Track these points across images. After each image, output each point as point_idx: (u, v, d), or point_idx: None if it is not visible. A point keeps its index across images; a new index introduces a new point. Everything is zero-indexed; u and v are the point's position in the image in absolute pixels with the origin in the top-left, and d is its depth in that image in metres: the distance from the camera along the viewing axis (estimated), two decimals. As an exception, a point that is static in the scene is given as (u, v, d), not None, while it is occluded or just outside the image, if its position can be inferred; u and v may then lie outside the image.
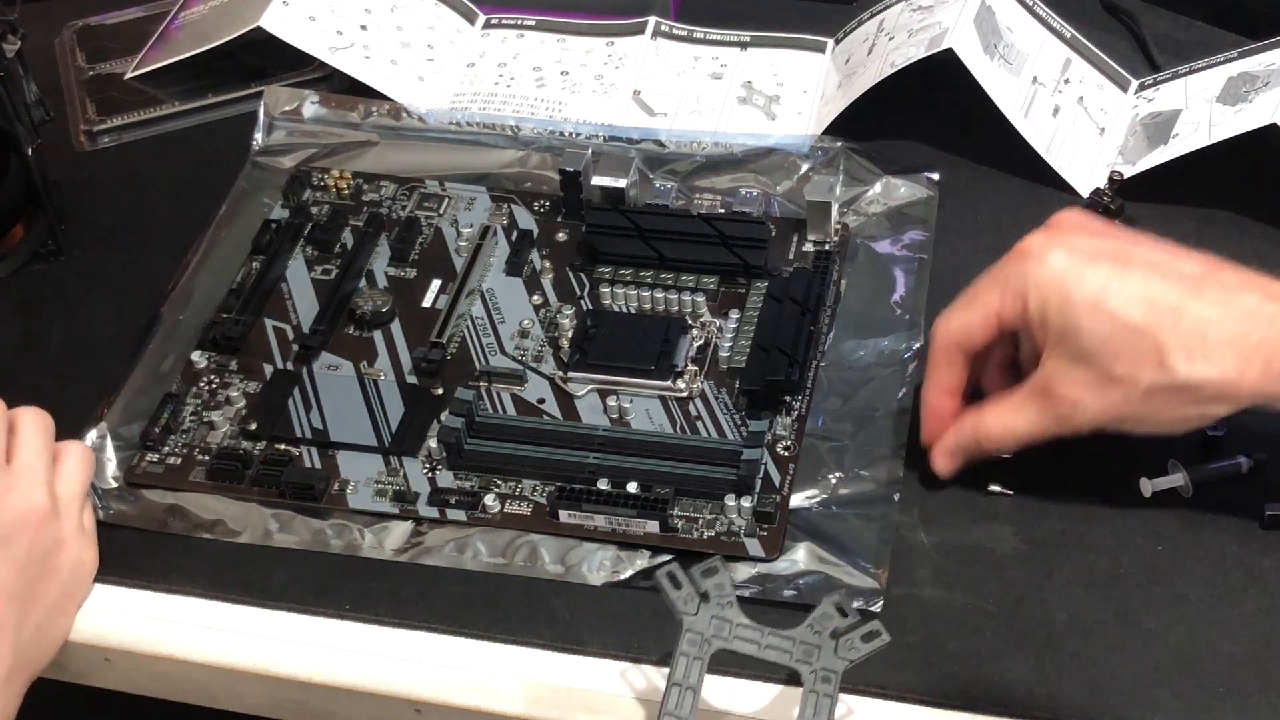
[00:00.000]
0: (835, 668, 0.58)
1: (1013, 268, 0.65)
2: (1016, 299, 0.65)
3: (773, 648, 0.59)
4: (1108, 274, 0.63)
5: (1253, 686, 0.63)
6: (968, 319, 0.67)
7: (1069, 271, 0.63)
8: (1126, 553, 0.68)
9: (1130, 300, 0.62)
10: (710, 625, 0.59)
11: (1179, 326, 0.62)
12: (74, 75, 0.97)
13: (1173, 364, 0.62)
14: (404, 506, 0.71)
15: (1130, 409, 0.63)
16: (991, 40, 0.85)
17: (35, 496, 0.66)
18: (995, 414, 0.67)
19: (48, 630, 0.67)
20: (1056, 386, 0.64)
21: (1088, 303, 0.63)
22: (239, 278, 0.82)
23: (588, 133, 0.89)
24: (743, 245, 0.79)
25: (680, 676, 0.58)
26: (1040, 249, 0.64)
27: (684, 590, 0.60)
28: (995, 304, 0.66)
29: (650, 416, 0.74)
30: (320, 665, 0.67)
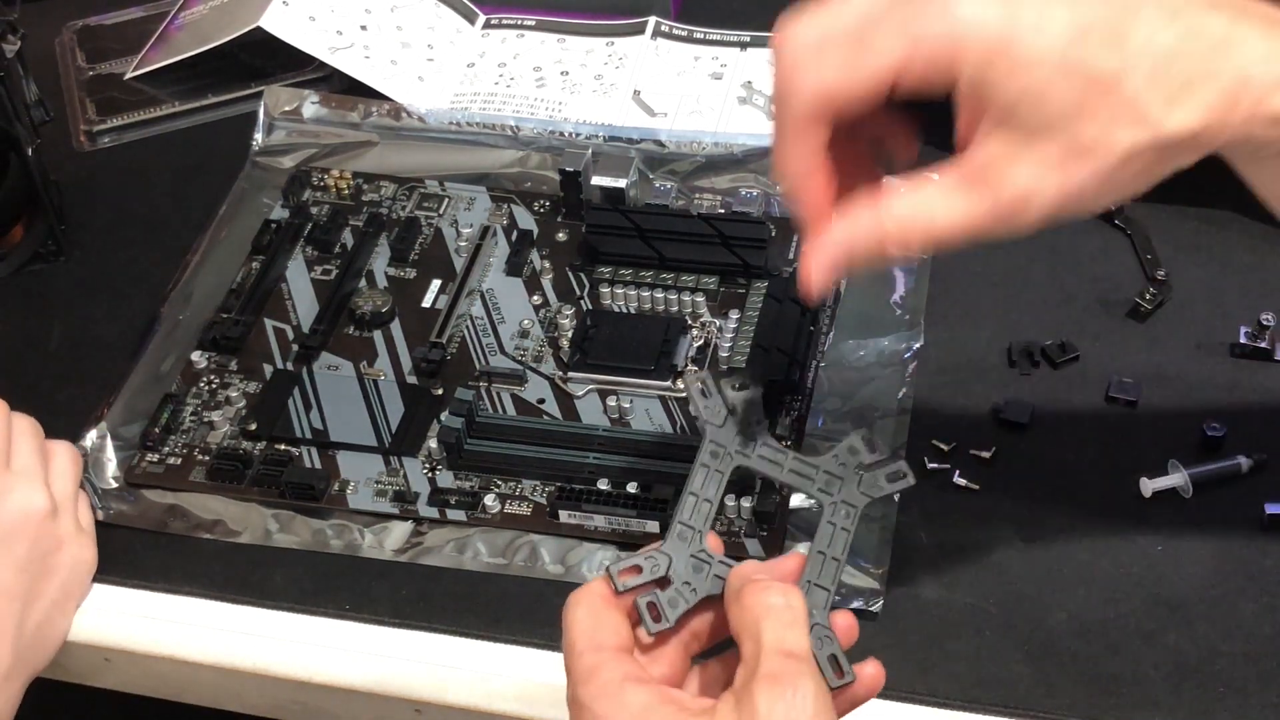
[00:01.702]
0: (856, 502, 0.55)
1: (929, 15, 0.49)
2: (933, 61, 0.49)
3: (795, 472, 0.56)
4: (1062, 19, 0.49)
5: (1253, 686, 0.63)
6: (853, 74, 0.50)
7: (1012, 22, 0.49)
8: (1126, 553, 0.68)
9: (1094, 47, 0.49)
10: (735, 440, 0.56)
11: (1154, 69, 0.49)
12: (74, 75, 0.97)
13: (1156, 116, 0.49)
14: (404, 506, 0.71)
15: (1095, 184, 0.50)
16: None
17: (36, 497, 0.66)
18: (909, 201, 0.51)
19: (48, 629, 0.67)
20: (1003, 172, 0.50)
21: (1049, 59, 0.49)
22: (239, 278, 0.82)
23: (588, 133, 0.89)
24: (743, 245, 0.79)
25: (698, 487, 0.55)
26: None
27: (713, 400, 0.56)
28: (895, 60, 0.49)
29: (650, 416, 0.74)
30: (320, 665, 0.67)
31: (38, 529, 0.66)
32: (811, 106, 0.50)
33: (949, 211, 0.51)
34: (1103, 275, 0.79)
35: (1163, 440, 0.71)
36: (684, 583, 0.54)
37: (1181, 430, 0.71)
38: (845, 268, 0.53)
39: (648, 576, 0.54)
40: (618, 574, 0.53)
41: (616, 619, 0.52)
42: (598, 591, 0.53)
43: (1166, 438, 0.71)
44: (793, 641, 0.50)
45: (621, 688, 0.50)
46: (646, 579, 0.54)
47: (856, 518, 0.55)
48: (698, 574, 0.54)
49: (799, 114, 0.51)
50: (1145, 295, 0.77)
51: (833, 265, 0.53)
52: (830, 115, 0.51)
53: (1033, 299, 0.78)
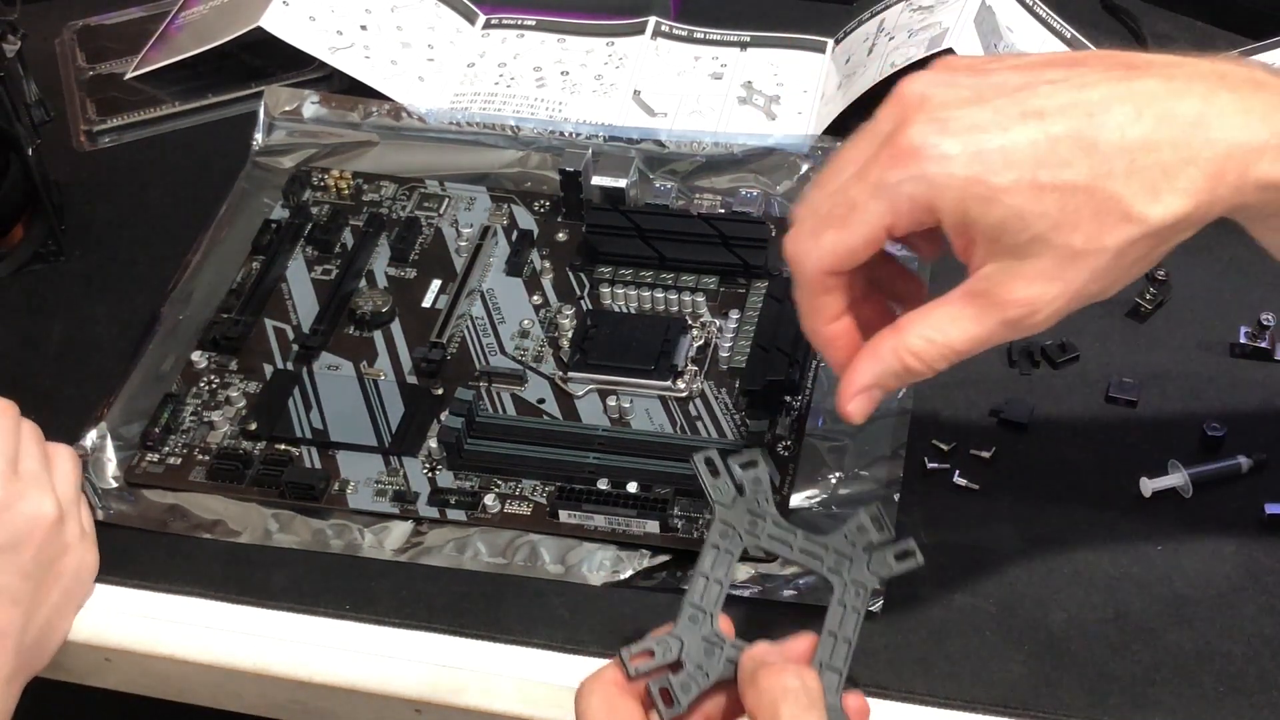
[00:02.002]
0: (867, 582, 0.55)
1: (900, 173, 0.53)
2: (918, 208, 0.53)
3: (805, 552, 0.56)
4: (1029, 139, 0.52)
5: (1253, 686, 0.63)
6: (846, 239, 0.54)
7: (980, 158, 0.52)
8: (1126, 553, 0.68)
9: (1064, 160, 0.51)
10: (745, 519, 0.56)
11: (1130, 166, 0.51)
12: (74, 75, 0.97)
13: (1141, 211, 0.51)
14: (404, 506, 0.71)
15: (1097, 282, 0.53)
16: (991, 40, 0.84)
17: (45, 504, 0.66)
18: (921, 329, 0.55)
19: (49, 632, 0.67)
20: (1005, 289, 0.53)
21: (1022, 185, 0.51)
22: (239, 278, 0.82)
23: (588, 133, 0.89)
24: (743, 245, 0.79)
25: (708, 568, 0.55)
26: (931, 143, 0.52)
27: (721, 479, 0.56)
28: (884, 219, 0.54)
29: (650, 416, 0.74)
30: (320, 665, 0.67)
31: (45, 536, 0.65)
32: (819, 281, 0.56)
33: (962, 332, 0.55)
34: (1103, 275, 0.79)
35: (1163, 440, 0.71)
36: (696, 666, 0.54)
37: (1181, 430, 0.71)
38: (880, 396, 0.58)
39: (660, 661, 0.54)
40: (630, 659, 0.53)
41: (630, 706, 0.53)
42: (610, 679, 0.53)
43: (1166, 438, 0.71)
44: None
45: None
46: (659, 663, 0.54)
47: (867, 598, 0.55)
48: (710, 657, 0.54)
49: (811, 290, 0.57)
50: (1145, 295, 0.77)
51: (869, 399, 0.57)
52: (837, 283, 0.56)
53: (1033, 299, 0.78)
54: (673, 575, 0.68)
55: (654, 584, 0.68)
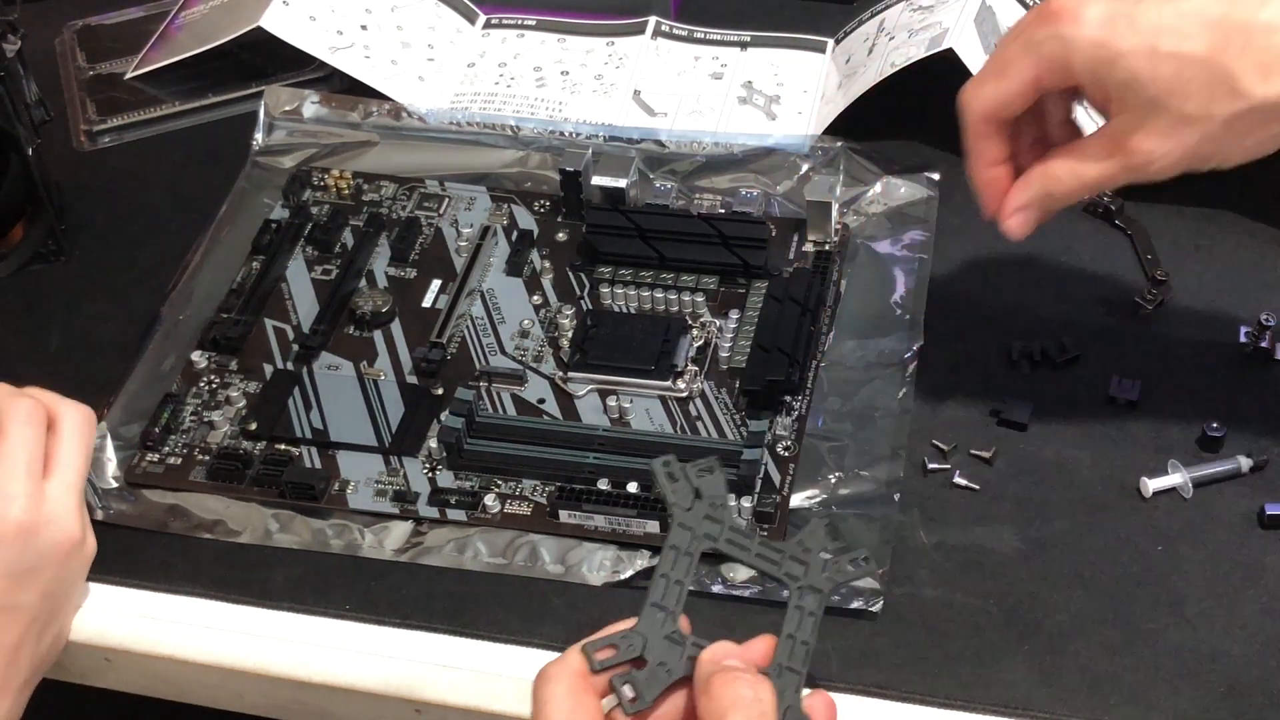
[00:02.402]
0: (822, 586, 0.56)
1: (1044, 31, 0.61)
2: (1056, 65, 0.61)
3: (762, 557, 0.57)
4: (1155, 12, 0.59)
5: (1253, 686, 0.63)
6: (1002, 89, 0.63)
7: (1111, 24, 0.59)
8: (1126, 553, 0.68)
9: (1185, 33, 0.58)
10: (703, 523, 0.57)
11: (1249, 45, 0.58)
12: (74, 75, 0.97)
13: (1247, 88, 0.58)
14: (404, 506, 0.71)
15: (1210, 145, 0.60)
16: (991, 40, 0.84)
17: (70, 528, 0.65)
18: (1064, 163, 0.63)
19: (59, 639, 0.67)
20: (1128, 139, 0.61)
21: (1142, 50, 0.58)
22: (239, 278, 0.82)
23: (588, 133, 0.89)
24: (743, 245, 0.79)
25: (668, 569, 0.56)
26: (1073, 6, 0.60)
27: (680, 484, 0.58)
28: (1030, 73, 0.62)
29: (650, 416, 0.74)
30: (320, 665, 0.67)
31: (66, 557, 0.65)
32: (980, 126, 0.64)
33: (1094, 169, 0.62)
34: (1103, 275, 0.79)
35: (1163, 440, 0.71)
36: (659, 663, 0.54)
37: (1181, 430, 0.71)
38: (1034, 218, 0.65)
39: (623, 656, 0.54)
40: (594, 652, 0.54)
41: (589, 700, 0.53)
42: (573, 667, 0.54)
43: (1166, 438, 0.71)
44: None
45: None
46: (622, 658, 0.54)
47: (824, 602, 0.56)
48: (672, 654, 0.55)
49: (974, 133, 0.65)
50: (1145, 295, 0.77)
51: (1024, 218, 0.65)
52: (997, 130, 0.64)
53: (1033, 299, 0.78)
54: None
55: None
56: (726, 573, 0.68)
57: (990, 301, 0.78)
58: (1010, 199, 0.65)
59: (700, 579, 0.68)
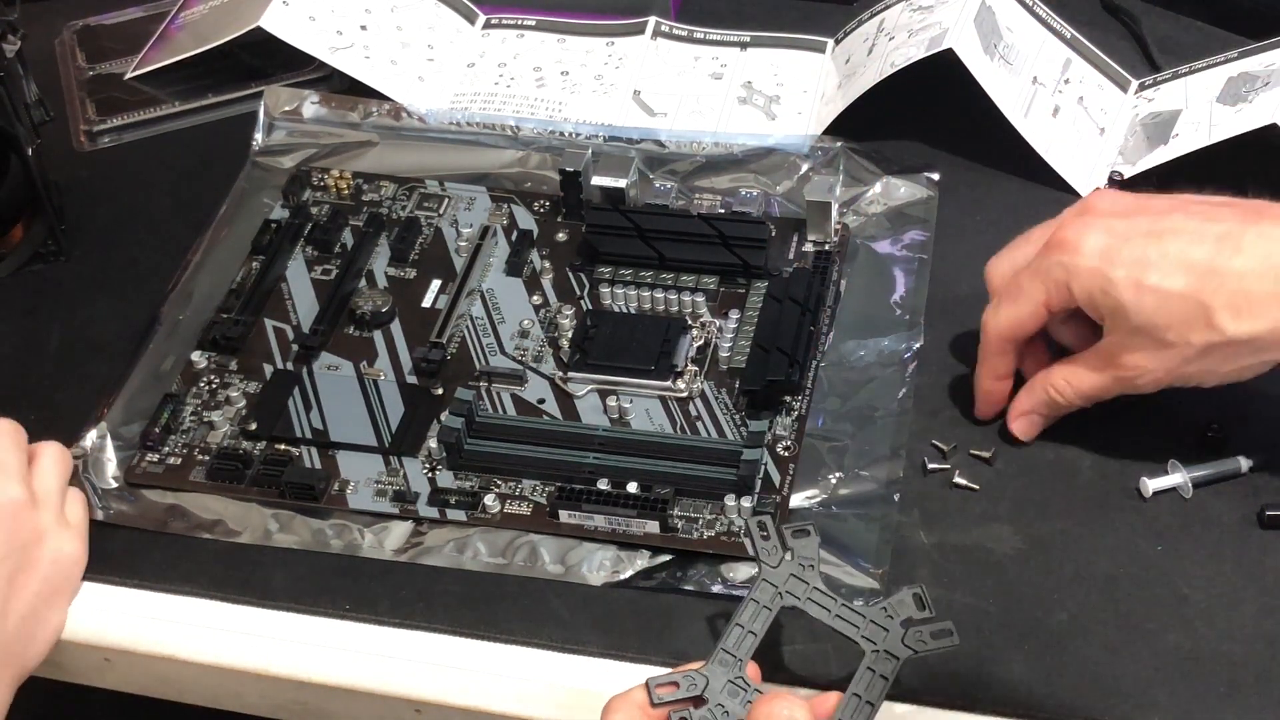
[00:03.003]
0: (899, 654, 0.58)
1: (1051, 260, 0.67)
2: (1060, 289, 0.67)
3: (842, 619, 0.59)
4: (1143, 250, 0.65)
5: (1253, 686, 0.63)
6: (1017, 314, 0.69)
7: (1105, 256, 0.65)
8: (1126, 553, 0.68)
9: (1168, 271, 0.64)
10: (787, 581, 0.60)
11: (1222, 287, 0.63)
12: (74, 75, 0.97)
13: (1221, 324, 0.64)
14: (404, 506, 0.71)
15: (1190, 368, 0.66)
16: (991, 40, 0.85)
17: (9, 490, 0.67)
18: (1063, 373, 0.70)
19: (33, 625, 0.67)
20: (1118, 356, 0.67)
21: (1129, 282, 0.65)
22: (239, 278, 0.82)
23: (588, 133, 0.89)
24: (743, 245, 0.79)
25: (745, 620, 0.59)
26: (1076, 239, 0.66)
27: (771, 542, 0.61)
28: (1041, 297, 0.68)
29: (650, 416, 0.74)
30: (320, 665, 0.67)
31: (13, 521, 0.66)
32: (998, 345, 0.71)
33: (1089, 381, 0.69)
34: (1103, 275, 0.79)
35: (1163, 440, 0.71)
36: (718, 704, 0.57)
37: (1181, 430, 0.71)
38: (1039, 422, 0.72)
39: (684, 694, 0.57)
40: (655, 687, 0.56)
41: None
42: (636, 700, 0.57)
43: (1166, 438, 0.71)
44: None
45: None
46: (683, 695, 0.57)
47: (897, 670, 0.58)
48: (733, 699, 0.57)
49: (990, 349, 0.71)
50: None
51: (1029, 422, 0.72)
52: (1011, 349, 0.71)
53: (1033, 299, 0.78)
54: (672, 575, 0.68)
55: (654, 584, 0.68)
56: (726, 573, 0.68)
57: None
58: (1016, 404, 0.72)
59: (700, 579, 0.68)
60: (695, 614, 0.67)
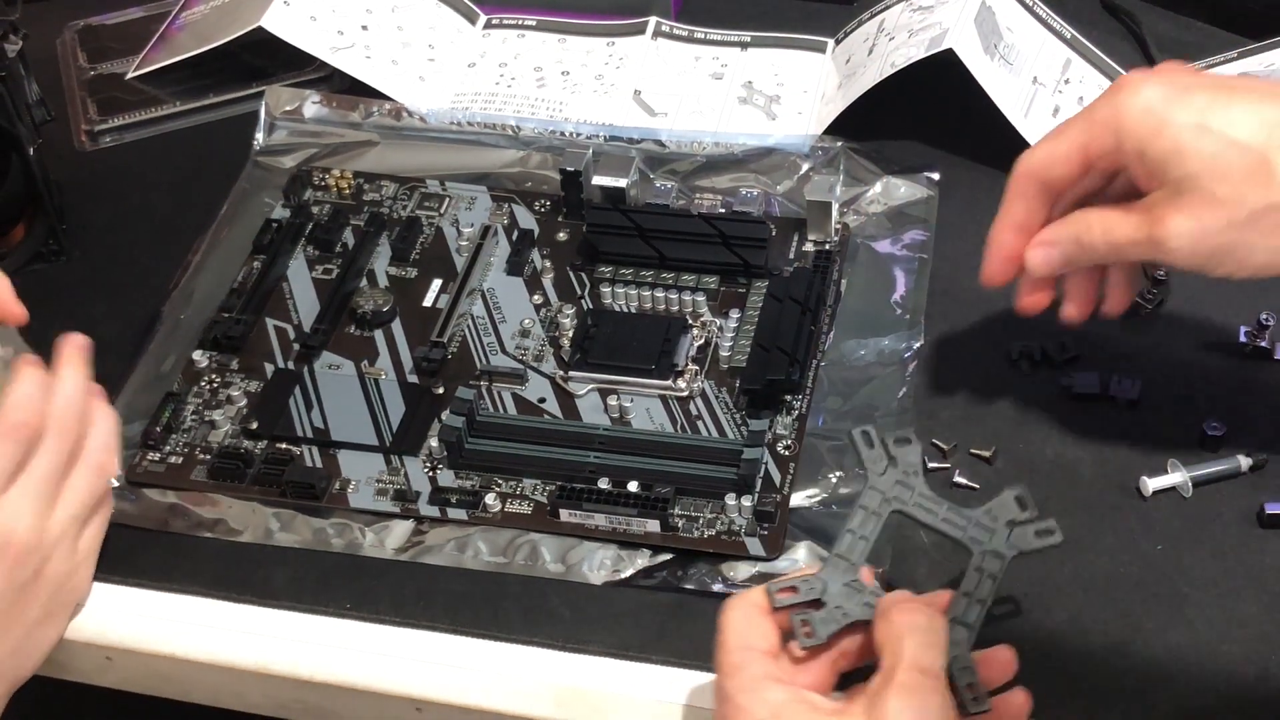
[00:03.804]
0: (1004, 552, 0.59)
1: (1103, 101, 0.63)
2: (1106, 131, 0.62)
3: (948, 521, 0.60)
4: (1209, 97, 0.60)
5: (1253, 686, 0.63)
6: (1050, 150, 0.65)
7: (1166, 98, 0.61)
8: (1126, 553, 0.68)
9: (1235, 118, 0.60)
10: (894, 488, 0.60)
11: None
12: (75, 75, 0.97)
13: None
14: (405, 505, 0.71)
15: (1230, 237, 0.60)
16: (991, 40, 0.85)
17: (20, 526, 0.64)
18: (1100, 213, 0.64)
19: (29, 644, 0.66)
20: (1159, 209, 0.62)
21: (1190, 124, 0.60)
22: (240, 277, 0.82)
23: (588, 133, 0.89)
24: (743, 245, 0.79)
25: (856, 525, 0.59)
26: (1135, 82, 0.62)
27: (875, 450, 0.61)
28: (1081, 137, 0.63)
29: (651, 416, 0.74)
30: (321, 664, 0.67)
31: (16, 559, 0.64)
32: (1019, 180, 0.66)
33: (1123, 231, 0.63)
34: (1103, 275, 0.79)
35: (1163, 440, 0.71)
36: (836, 606, 0.57)
37: (1181, 430, 0.71)
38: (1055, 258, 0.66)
39: (804, 597, 0.57)
40: (775, 591, 0.57)
41: (767, 625, 0.57)
42: (753, 600, 0.57)
43: (1166, 438, 0.71)
44: (929, 660, 0.54)
45: (763, 684, 0.55)
46: (802, 599, 0.57)
47: (1004, 567, 0.59)
48: (850, 600, 0.57)
49: (1012, 188, 0.66)
50: (1145, 295, 0.77)
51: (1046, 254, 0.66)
52: (1034, 187, 0.65)
53: (1033, 299, 0.78)
54: (673, 574, 0.68)
55: (655, 583, 0.68)
56: (727, 572, 0.68)
57: (990, 301, 0.78)
58: (1043, 233, 0.66)
59: (701, 578, 0.68)
60: (696, 613, 0.67)
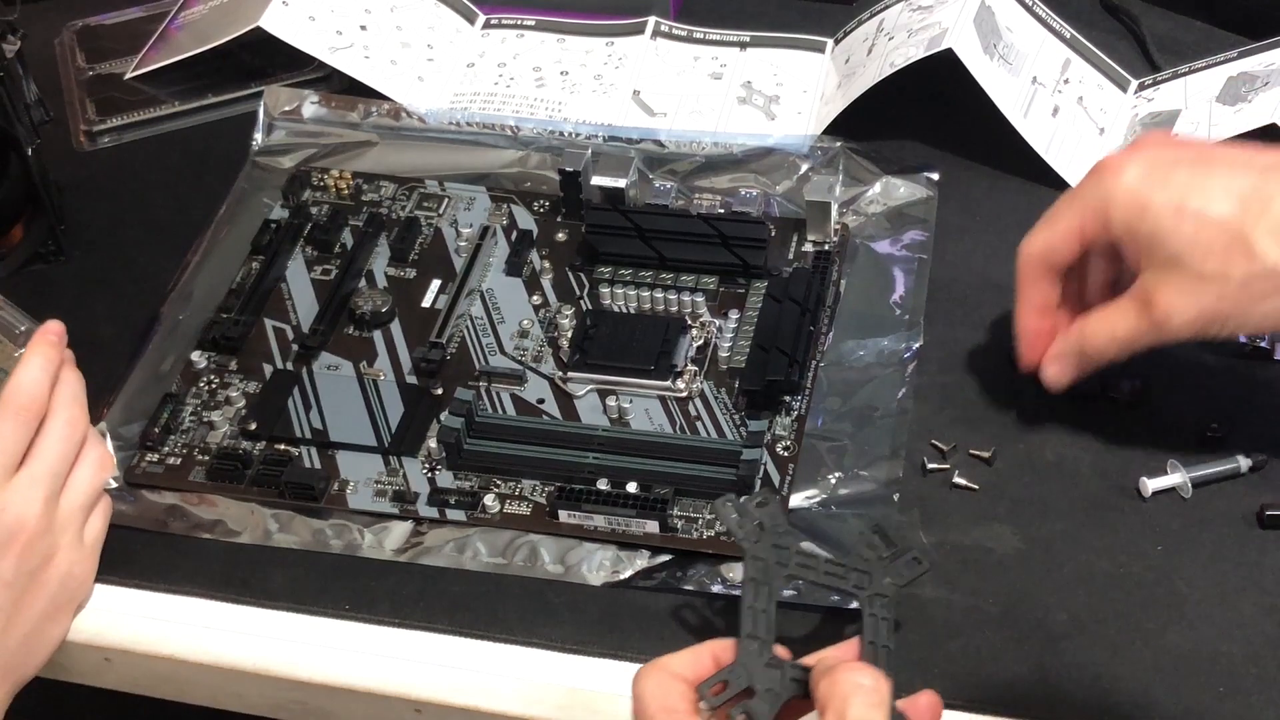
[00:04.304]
0: (887, 592, 0.60)
1: (1090, 184, 0.66)
2: (1097, 215, 0.65)
3: (830, 574, 0.61)
4: (1187, 175, 0.63)
5: (1253, 686, 0.63)
6: (1049, 236, 0.68)
7: (1147, 180, 0.64)
8: (1126, 553, 0.68)
9: (1211, 196, 0.62)
10: (771, 552, 0.60)
11: (1264, 213, 0.61)
12: (74, 75, 0.97)
13: (1263, 252, 0.61)
14: (404, 506, 0.71)
15: (1225, 305, 0.63)
16: (991, 40, 0.85)
17: (28, 513, 0.65)
18: (1097, 318, 0.67)
19: (35, 640, 0.66)
20: (1152, 293, 0.64)
21: (1169, 206, 0.63)
22: (239, 278, 0.82)
23: (587, 133, 0.89)
24: (742, 245, 0.79)
25: (752, 600, 0.59)
26: (1117, 164, 0.65)
27: (745, 519, 0.61)
28: (1075, 221, 0.66)
29: (650, 416, 0.74)
30: (320, 665, 0.67)
31: (25, 546, 0.65)
32: (1028, 268, 0.69)
33: (1124, 326, 0.66)
34: (1103, 275, 0.79)
35: (1163, 440, 0.71)
36: (766, 689, 0.57)
37: (1181, 430, 0.71)
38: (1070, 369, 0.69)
39: (734, 690, 0.57)
40: (708, 692, 0.56)
41: (683, 688, 0.56)
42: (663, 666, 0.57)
43: (1166, 438, 0.71)
44: None
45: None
46: (733, 693, 0.57)
47: (892, 606, 0.60)
48: (775, 680, 0.57)
49: (1022, 275, 0.69)
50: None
51: (1061, 367, 0.70)
52: (1043, 270, 0.68)
53: (1033, 299, 0.78)
54: (672, 575, 0.68)
55: (654, 584, 0.68)
56: (726, 573, 0.68)
57: (990, 301, 0.78)
58: (1051, 349, 0.70)
59: (700, 579, 0.68)
60: (695, 614, 0.67)
